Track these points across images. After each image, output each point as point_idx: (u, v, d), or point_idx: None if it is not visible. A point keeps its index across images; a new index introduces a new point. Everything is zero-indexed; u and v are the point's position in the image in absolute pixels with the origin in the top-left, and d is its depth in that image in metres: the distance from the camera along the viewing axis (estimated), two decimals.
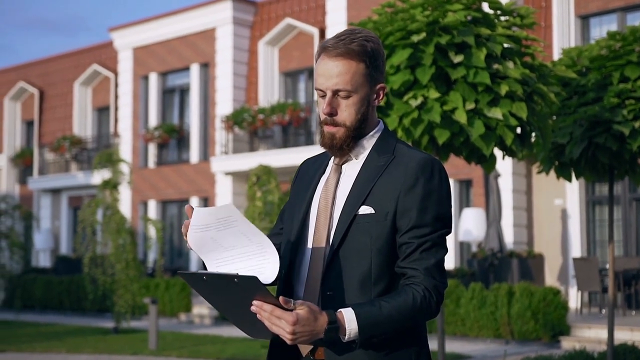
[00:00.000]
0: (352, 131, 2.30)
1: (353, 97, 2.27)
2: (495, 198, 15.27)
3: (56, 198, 26.02)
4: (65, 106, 26.25)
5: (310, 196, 2.39)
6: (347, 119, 2.28)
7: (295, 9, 21.06)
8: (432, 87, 6.15)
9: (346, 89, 2.25)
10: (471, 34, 6.17)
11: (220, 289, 2.06)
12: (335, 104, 2.28)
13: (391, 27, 6.22)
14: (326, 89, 2.27)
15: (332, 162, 2.39)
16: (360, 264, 2.23)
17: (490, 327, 13.11)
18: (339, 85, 2.25)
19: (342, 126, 2.29)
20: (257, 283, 1.99)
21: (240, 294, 2.04)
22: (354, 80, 2.25)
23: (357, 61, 2.25)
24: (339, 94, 2.27)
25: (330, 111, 2.28)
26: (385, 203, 2.23)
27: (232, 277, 2.00)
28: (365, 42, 2.27)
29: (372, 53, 2.28)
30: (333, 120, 2.29)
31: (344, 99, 2.27)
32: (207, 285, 2.08)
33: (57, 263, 22.85)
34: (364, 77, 2.27)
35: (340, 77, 2.25)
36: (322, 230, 2.30)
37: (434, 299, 2.20)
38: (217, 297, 2.12)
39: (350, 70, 2.25)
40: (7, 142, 27.77)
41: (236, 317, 2.15)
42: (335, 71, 2.25)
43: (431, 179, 2.25)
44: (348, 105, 2.28)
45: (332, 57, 2.26)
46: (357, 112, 2.29)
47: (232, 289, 2.03)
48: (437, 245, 2.23)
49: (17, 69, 28.27)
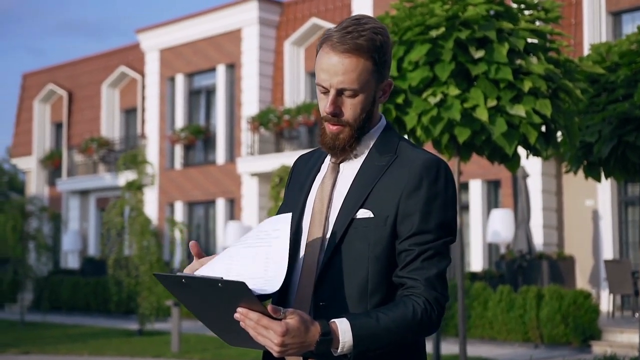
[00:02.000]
0: (356, 131, 2.11)
1: (359, 96, 2.07)
2: (523, 199, 14.97)
3: (84, 199, 26.13)
4: (93, 108, 26.35)
5: (304, 197, 2.21)
6: (351, 118, 2.09)
7: (321, 8, 20.90)
8: (452, 84, 5.94)
9: (352, 88, 2.06)
10: (493, 29, 5.95)
11: (201, 293, 1.89)
12: (340, 102, 2.08)
13: (409, 22, 6.02)
14: (330, 87, 2.08)
15: (329, 160, 2.20)
16: (356, 273, 2.04)
17: (518, 331, 12.83)
18: (344, 84, 2.06)
19: (346, 125, 2.10)
20: (244, 289, 1.81)
21: (223, 300, 1.87)
22: (361, 79, 2.05)
23: (365, 58, 2.05)
24: (344, 92, 2.07)
25: (334, 110, 2.08)
26: (386, 207, 2.05)
27: (216, 281, 1.82)
28: (374, 36, 2.06)
29: (380, 48, 2.07)
30: (337, 120, 2.10)
31: (349, 98, 2.08)
32: (186, 288, 1.90)
33: (84, 264, 22.91)
34: (371, 74, 2.07)
35: (346, 75, 2.05)
36: (317, 235, 2.11)
37: (435, 313, 2.01)
38: (197, 302, 1.95)
39: (357, 68, 2.05)
40: (36, 144, 27.96)
41: (216, 324, 1.97)
42: (340, 68, 2.05)
43: (436, 181, 2.06)
44: (353, 104, 2.08)
45: (337, 53, 2.05)
46: (362, 111, 2.09)
47: (215, 294, 1.86)
48: (440, 255, 2.04)
49: (47, 72, 28.46)
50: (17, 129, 29.21)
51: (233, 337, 1.96)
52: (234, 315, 1.87)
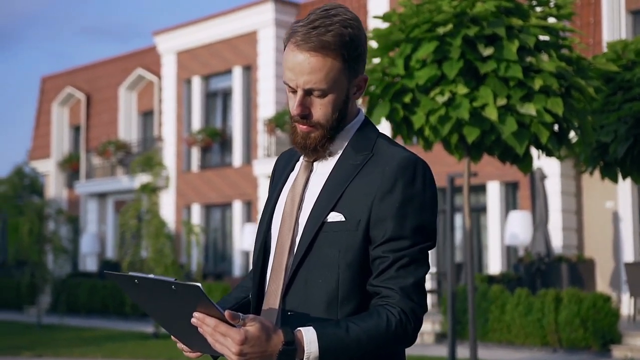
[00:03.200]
0: (328, 131, 1.97)
1: (329, 96, 1.94)
2: (541, 201, 14.75)
3: (102, 202, 26.17)
4: (110, 111, 26.40)
5: (277, 197, 2.08)
6: (322, 119, 1.96)
7: None
8: (461, 82, 5.79)
9: (321, 88, 1.92)
10: (502, 25, 5.80)
11: (156, 295, 1.79)
12: (308, 103, 1.95)
13: (417, 19, 5.88)
14: (297, 87, 1.94)
15: (302, 158, 2.07)
16: (326, 280, 1.90)
17: (537, 335, 12.61)
18: (311, 83, 1.92)
19: (316, 126, 1.97)
20: (198, 293, 1.69)
21: (179, 304, 1.77)
22: (329, 78, 1.91)
23: (333, 56, 1.91)
24: (313, 93, 1.94)
25: (302, 112, 1.95)
26: (358, 209, 1.91)
27: (169, 283, 1.71)
28: (342, 30, 1.91)
29: (350, 43, 1.92)
30: (307, 121, 1.97)
31: (318, 98, 1.94)
32: (140, 289, 1.81)
33: (102, 267, 22.93)
34: (341, 72, 1.93)
35: (313, 75, 1.91)
36: (286, 238, 1.98)
37: (410, 324, 1.87)
38: (152, 304, 1.85)
39: (324, 67, 1.90)
40: (55, 147, 28.06)
41: (174, 327, 1.87)
42: (307, 67, 1.91)
43: (412, 182, 1.91)
44: (323, 104, 1.95)
45: (302, 51, 1.91)
46: (333, 110, 1.96)
47: (170, 297, 1.76)
48: (417, 262, 1.90)
49: (65, 75, 28.56)
50: (36, 132, 29.35)
51: (193, 341, 1.85)
52: (191, 320, 1.76)
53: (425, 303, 1.91)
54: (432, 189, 1.95)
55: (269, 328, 1.76)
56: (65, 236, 21.98)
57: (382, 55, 6.08)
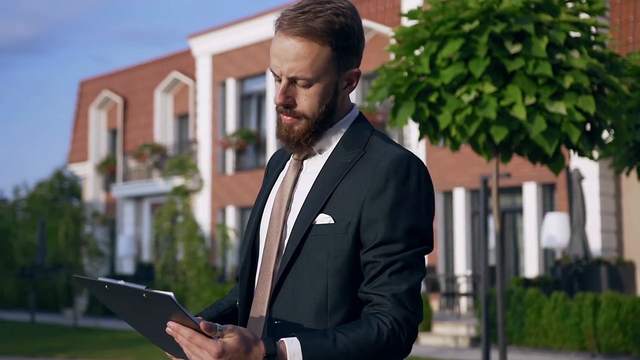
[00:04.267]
0: (313, 125, 1.84)
1: (315, 86, 1.82)
2: (579, 202, 14.44)
3: (139, 205, 26.34)
4: (147, 114, 26.58)
5: (265, 197, 1.96)
6: (307, 111, 1.83)
7: (372, 10, 20.64)
8: (488, 81, 5.63)
9: (305, 77, 1.80)
10: (531, 22, 5.62)
11: (128, 302, 1.71)
12: (292, 92, 1.83)
13: (442, 17, 5.73)
14: (281, 74, 1.82)
15: (292, 156, 1.95)
16: (314, 287, 1.78)
17: (574, 340, 12.34)
18: (295, 71, 1.79)
19: (301, 118, 1.84)
20: (170, 303, 1.60)
21: (152, 312, 1.68)
22: (316, 67, 1.79)
23: (320, 43, 1.78)
24: (297, 81, 1.82)
25: (284, 102, 1.83)
26: (348, 211, 1.78)
27: (140, 291, 1.62)
28: (333, 17, 1.79)
29: (341, 31, 1.80)
30: (290, 112, 1.85)
31: (303, 88, 1.82)
32: (112, 295, 1.72)
33: (138, 270, 23.06)
34: (330, 62, 1.80)
35: (297, 62, 1.79)
36: (273, 242, 1.86)
37: (404, 334, 1.74)
38: (126, 310, 1.76)
39: (311, 54, 1.78)
40: (93, 151, 28.33)
41: (150, 333, 1.79)
42: (292, 53, 1.79)
43: (406, 181, 1.78)
44: (308, 95, 1.82)
45: (288, 36, 1.79)
46: (320, 103, 1.83)
47: (142, 304, 1.67)
48: (411, 267, 1.76)
49: (103, 79, 28.83)
50: (75, 136, 29.66)
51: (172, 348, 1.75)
52: (166, 330, 1.66)
53: (421, 311, 1.78)
54: (428, 189, 1.83)
55: (248, 339, 1.65)
56: (101, 239, 22.14)
57: (407, 53, 5.95)
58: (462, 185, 17.76)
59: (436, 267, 17.98)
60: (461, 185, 17.79)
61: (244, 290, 1.92)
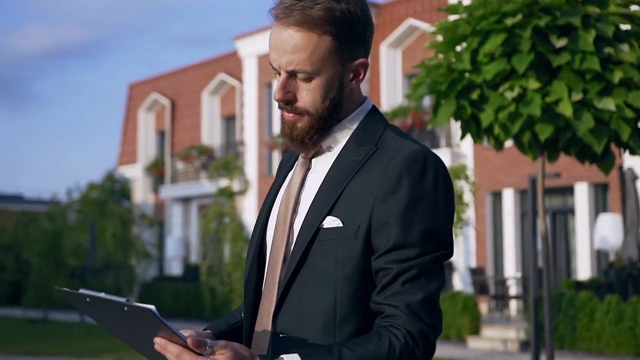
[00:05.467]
0: (317, 121, 1.69)
1: (316, 80, 1.67)
2: (633, 202, 14.00)
3: (187, 206, 26.48)
4: (194, 116, 26.72)
5: (272, 199, 1.82)
6: (310, 106, 1.69)
7: (418, 9, 20.39)
8: (532, 77, 5.40)
9: (305, 71, 1.65)
10: (577, 14, 5.38)
11: (112, 315, 1.61)
12: (293, 87, 1.68)
13: (484, 11, 5.52)
14: (279, 68, 1.68)
15: (300, 155, 1.80)
16: (321, 298, 1.63)
17: (629, 344, 11.95)
18: (294, 64, 1.65)
19: (304, 114, 1.70)
20: (152, 317, 1.49)
21: (136, 325, 1.58)
22: (315, 59, 1.65)
23: (320, 32, 1.64)
24: (297, 75, 1.67)
25: (283, 97, 1.68)
26: (357, 213, 1.62)
27: (121, 304, 1.52)
28: (333, 4, 1.64)
29: (343, 19, 1.65)
30: (291, 108, 1.70)
31: (304, 82, 1.68)
32: (95, 308, 1.63)
33: (186, 271, 23.16)
34: (331, 53, 1.66)
35: (295, 55, 1.64)
36: (279, 249, 1.71)
37: (419, 349, 1.57)
38: (111, 323, 1.67)
39: (309, 45, 1.64)
40: (141, 153, 28.59)
41: (138, 345, 1.67)
42: (289, 45, 1.65)
43: (421, 179, 1.62)
44: (310, 89, 1.68)
45: (285, 26, 1.65)
46: (323, 97, 1.68)
47: (125, 317, 1.57)
48: (428, 274, 1.59)
49: (151, 81, 29.09)
50: (124, 138, 29.97)
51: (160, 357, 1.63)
52: (155, 346, 1.53)
53: (439, 323, 1.60)
54: (446, 188, 1.65)
55: (243, 357, 1.51)
56: (150, 240, 22.29)
57: (448, 49, 5.75)
58: (511, 186, 17.41)
59: (485, 269, 17.65)
60: (510, 185, 17.44)
61: (250, 302, 1.76)
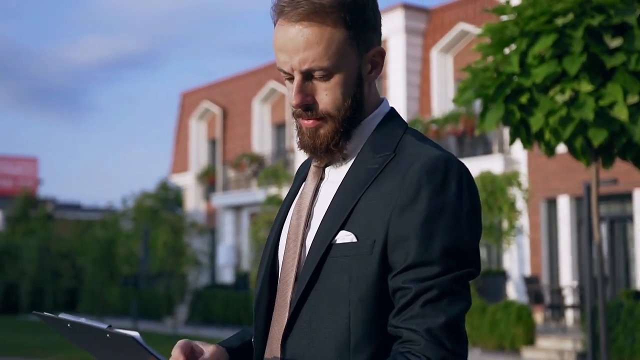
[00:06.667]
0: (341, 123, 1.53)
1: (336, 76, 1.51)
2: None
3: (238, 214, 26.53)
4: (245, 124, 26.79)
5: (284, 212, 1.67)
6: (331, 108, 1.52)
7: (469, 13, 20.08)
8: (584, 79, 5.16)
9: (322, 67, 1.50)
10: (632, 13, 5.13)
11: (94, 340, 1.51)
12: (310, 89, 1.52)
13: (533, 11, 5.30)
14: (292, 70, 1.52)
15: (312, 163, 1.65)
16: (334, 320, 1.47)
17: None
18: (309, 62, 1.50)
19: (326, 118, 1.53)
20: (135, 345, 1.37)
21: (119, 352, 1.47)
22: (332, 52, 1.49)
23: (332, 22, 1.49)
24: (314, 74, 1.51)
25: (302, 101, 1.52)
26: (372, 227, 1.47)
27: (103, 331, 1.41)
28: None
29: (353, 4, 1.50)
30: (311, 113, 1.54)
31: (322, 81, 1.52)
32: (76, 333, 1.53)
33: (237, 279, 23.18)
34: (348, 44, 1.51)
35: (309, 51, 1.49)
36: (290, 267, 1.56)
37: None
38: (94, 348, 1.56)
39: (323, 38, 1.49)
40: (193, 161, 28.78)
41: None
42: (300, 42, 1.49)
43: (443, 189, 1.45)
44: (330, 88, 1.52)
45: (293, 22, 1.50)
46: (344, 96, 1.52)
47: (109, 344, 1.46)
48: (451, 295, 1.43)
49: (203, 90, 29.29)
50: (176, 147, 30.21)
51: None
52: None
53: (463, 350, 1.43)
54: (471, 197, 1.48)
55: None
56: (202, 248, 22.37)
57: (496, 52, 5.55)
58: (567, 192, 16.97)
59: (540, 277, 17.23)
60: (565, 192, 17.01)
61: (261, 327, 1.61)
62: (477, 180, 12.72)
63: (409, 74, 20.79)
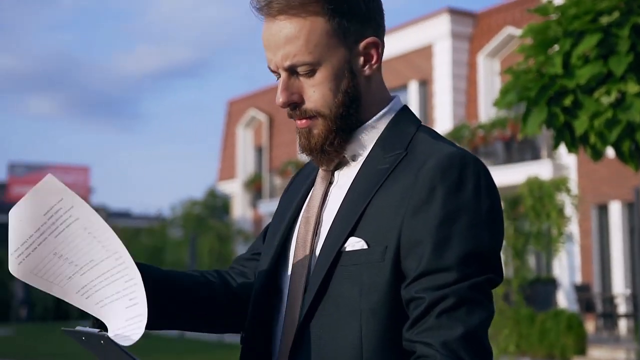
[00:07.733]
0: (334, 121, 1.44)
1: (320, 71, 1.42)
2: None
3: None
4: (291, 131, 26.80)
5: (291, 218, 1.56)
6: (320, 105, 1.43)
7: (517, 16, 19.78)
8: (631, 79, 4.98)
9: (305, 62, 1.41)
10: None
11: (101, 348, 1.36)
12: (297, 87, 1.44)
13: (577, 10, 5.13)
14: (277, 68, 1.44)
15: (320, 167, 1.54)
16: (345, 334, 1.36)
17: None
18: (290, 57, 1.41)
19: (316, 116, 1.44)
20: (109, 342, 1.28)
21: None
22: (313, 45, 1.40)
23: (312, 13, 1.40)
24: (298, 70, 1.43)
25: (287, 99, 1.44)
26: (384, 232, 1.36)
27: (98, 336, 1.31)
28: None
29: None
30: (300, 112, 1.45)
31: (308, 78, 1.43)
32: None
33: None
34: (330, 35, 1.41)
35: (290, 46, 1.40)
36: (299, 279, 1.46)
37: None
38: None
39: (302, 32, 1.40)
40: (240, 169, 28.93)
41: None
42: (280, 37, 1.41)
43: (459, 188, 1.34)
44: (316, 85, 1.42)
45: (272, 17, 1.42)
46: (334, 91, 1.43)
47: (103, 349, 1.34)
48: (469, 304, 1.30)
49: (249, 98, 29.44)
50: (224, 155, 30.40)
51: None
52: None
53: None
54: (491, 198, 1.36)
55: None
56: None
57: (538, 53, 5.38)
58: (619, 198, 16.57)
59: (591, 285, 16.84)
60: (617, 198, 16.61)
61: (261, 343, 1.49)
62: (524, 186, 12.46)
63: (455, 79, 20.57)
